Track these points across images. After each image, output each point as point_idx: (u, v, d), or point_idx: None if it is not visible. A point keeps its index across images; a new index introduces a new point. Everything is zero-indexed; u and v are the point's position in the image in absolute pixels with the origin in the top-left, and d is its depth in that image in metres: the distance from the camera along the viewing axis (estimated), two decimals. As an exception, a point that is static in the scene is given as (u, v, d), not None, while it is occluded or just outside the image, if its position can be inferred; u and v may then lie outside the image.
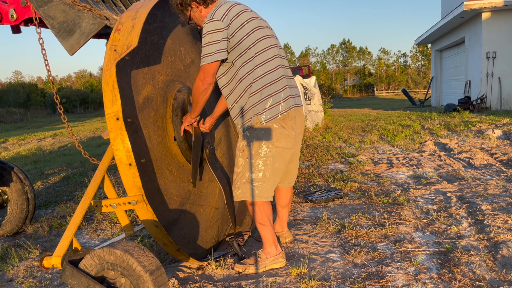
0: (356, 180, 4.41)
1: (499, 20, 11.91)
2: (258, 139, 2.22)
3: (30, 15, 2.53)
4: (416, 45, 45.50)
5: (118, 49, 1.94)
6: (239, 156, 2.30)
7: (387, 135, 7.32)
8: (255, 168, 2.25)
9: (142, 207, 1.97)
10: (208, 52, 2.14)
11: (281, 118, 2.23)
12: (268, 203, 2.36)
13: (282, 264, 2.39)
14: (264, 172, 2.26)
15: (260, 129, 2.22)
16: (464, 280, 2.13)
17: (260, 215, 2.33)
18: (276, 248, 2.40)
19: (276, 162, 2.28)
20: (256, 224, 2.39)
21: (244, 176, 2.28)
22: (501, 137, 6.34)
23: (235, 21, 2.19)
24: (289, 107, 2.26)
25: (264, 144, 2.23)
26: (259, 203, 2.32)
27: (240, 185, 2.31)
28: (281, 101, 2.23)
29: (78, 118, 25.00)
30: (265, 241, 2.40)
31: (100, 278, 1.86)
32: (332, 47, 54.98)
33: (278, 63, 2.28)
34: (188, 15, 2.38)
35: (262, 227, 2.37)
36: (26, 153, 8.85)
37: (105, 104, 1.90)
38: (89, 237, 3.37)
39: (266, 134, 2.23)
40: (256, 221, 2.38)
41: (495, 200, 3.40)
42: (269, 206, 2.38)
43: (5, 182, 3.50)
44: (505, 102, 12.04)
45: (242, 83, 2.23)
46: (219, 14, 2.18)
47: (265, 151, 2.23)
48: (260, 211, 2.33)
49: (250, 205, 2.34)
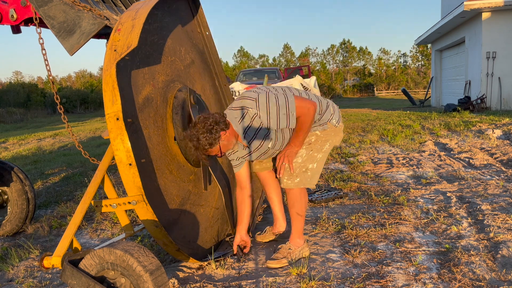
0: (356, 180, 4.41)
1: (499, 20, 11.91)
2: (326, 138, 2.57)
3: (30, 15, 2.53)
4: (416, 45, 45.53)
5: (118, 49, 1.94)
6: (302, 149, 2.53)
7: (387, 135, 7.32)
8: (315, 160, 2.54)
9: (142, 207, 1.97)
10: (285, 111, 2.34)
11: (341, 122, 2.66)
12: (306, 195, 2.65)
13: (308, 253, 2.61)
14: (319, 163, 2.57)
15: (332, 129, 2.58)
16: (464, 280, 2.13)
17: (303, 204, 2.57)
18: (301, 239, 2.62)
19: (325, 158, 2.64)
20: (292, 215, 2.57)
21: (304, 166, 2.53)
22: (501, 137, 6.34)
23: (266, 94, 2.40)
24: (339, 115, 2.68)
25: (328, 142, 2.58)
26: (303, 193, 2.57)
27: (299, 173, 2.53)
28: (336, 110, 2.65)
29: (78, 118, 25.00)
30: (298, 232, 2.60)
31: (100, 278, 1.86)
32: (332, 47, 54.96)
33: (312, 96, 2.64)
34: (219, 148, 2.31)
35: (299, 218, 2.58)
36: (26, 153, 8.85)
37: (105, 104, 1.90)
38: (89, 237, 3.37)
39: (335, 135, 2.60)
40: (295, 211, 2.56)
41: (495, 200, 3.40)
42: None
43: (5, 182, 3.51)
44: (505, 102, 12.04)
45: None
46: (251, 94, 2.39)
47: (327, 147, 2.58)
48: (303, 201, 2.57)
49: (297, 194, 2.55)
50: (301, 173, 2.52)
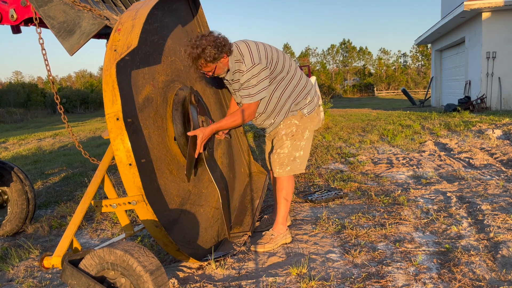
0: (356, 180, 4.41)
1: (499, 20, 11.90)
2: (304, 126, 2.77)
3: (30, 15, 2.53)
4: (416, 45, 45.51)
5: (118, 49, 1.94)
6: (285, 140, 2.75)
7: (387, 135, 7.32)
8: (300, 148, 2.77)
9: (142, 207, 1.97)
10: (258, 90, 2.54)
11: (316, 109, 2.84)
12: (294, 181, 2.87)
13: (289, 240, 2.82)
14: (305, 150, 2.80)
15: (306, 118, 2.77)
16: (464, 280, 2.13)
17: (289, 190, 2.79)
18: (284, 225, 2.81)
19: (310, 143, 2.85)
20: (280, 200, 2.78)
21: (292, 155, 2.75)
22: (501, 137, 6.34)
23: (268, 57, 2.57)
24: (317, 100, 2.89)
25: (307, 129, 2.79)
26: (291, 179, 2.80)
27: (289, 162, 2.75)
28: (314, 97, 2.84)
29: (78, 118, 24.99)
30: (281, 218, 2.80)
31: (100, 278, 1.86)
32: (332, 47, 54.97)
33: (300, 72, 2.84)
34: (214, 67, 2.50)
35: (285, 202, 2.78)
36: (26, 153, 8.85)
37: (105, 104, 1.90)
38: (89, 237, 3.37)
39: (310, 122, 2.79)
40: (283, 196, 2.77)
41: (495, 200, 3.40)
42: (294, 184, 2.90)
43: (5, 182, 3.51)
44: (505, 102, 12.04)
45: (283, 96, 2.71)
46: (257, 57, 2.52)
47: (307, 134, 2.79)
48: (290, 186, 2.79)
49: (285, 180, 2.77)
50: (290, 162, 2.75)
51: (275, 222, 2.82)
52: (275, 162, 2.77)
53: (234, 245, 2.74)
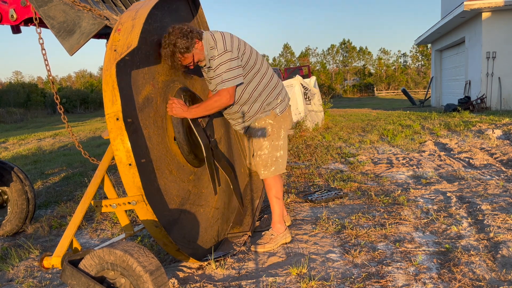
0: (356, 180, 4.41)
1: (499, 20, 11.91)
2: (279, 125, 2.79)
3: (30, 15, 2.53)
4: (416, 45, 45.51)
5: (118, 49, 1.94)
6: (263, 141, 2.76)
7: (387, 135, 7.32)
8: (279, 147, 2.79)
9: (142, 207, 1.97)
10: (231, 77, 2.51)
11: (288, 109, 2.87)
12: (281, 179, 2.89)
13: (289, 239, 2.83)
14: (284, 150, 2.83)
15: (279, 118, 2.80)
16: (464, 280, 2.13)
17: (278, 188, 2.82)
18: (282, 224, 2.82)
19: (286, 143, 2.89)
20: (272, 199, 2.81)
21: (273, 155, 2.78)
22: (501, 137, 6.34)
23: (240, 49, 2.58)
24: (288, 100, 2.91)
25: (282, 129, 2.81)
26: (278, 178, 2.82)
27: (272, 163, 2.77)
28: (285, 97, 2.87)
29: (78, 118, 24.99)
30: (277, 217, 2.81)
31: (100, 278, 1.86)
32: (332, 47, 54.96)
33: (272, 71, 2.84)
34: (192, 56, 2.47)
35: (277, 201, 2.81)
36: (26, 153, 8.85)
37: (105, 104, 1.90)
38: (89, 237, 3.37)
39: (284, 121, 2.82)
40: (273, 195, 2.80)
41: (495, 200, 3.40)
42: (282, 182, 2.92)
43: (5, 182, 3.51)
44: (505, 102, 12.04)
45: (255, 92, 2.71)
46: (229, 45, 2.52)
47: (283, 133, 2.81)
48: (278, 185, 2.82)
49: (272, 180, 2.80)
50: (274, 162, 2.78)
51: (272, 222, 2.84)
52: (258, 165, 2.78)
53: (234, 245, 2.75)
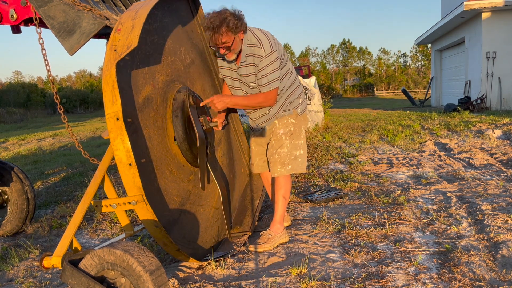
0: (356, 180, 4.41)
1: (499, 20, 11.91)
2: (300, 125, 2.85)
3: (30, 15, 2.53)
4: (416, 45, 45.51)
5: (118, 49, 1.94)
6: (285, 139, 2.79)
7: (387, 135, 7.32)
8: (299, 147, 2.83)
9: (142, 207, 1.97)
10: (276, 77, 2.60)
11: (306, 109, 2.93)
12: (291, 181, 2.94)
13: (287, 239, 2.83)
14: (304, 149, 2.86)
15: (301, 117, 2.86)
16: (464, 280, 2.13)
17: (287, 189, 2.83)
18: (282, 225, 2.83)
19: (305, 142, 2.91)
20: (278, 198, 2.80)
21: (292, 154, 2.80)
22: (501, 137, 6.34)
23: (279, 49, 2.66)
24: (306, 102, 2.99)
25: (303, 128, 2.88)
26: (290, 179, 2.84)
27: (290, 161, 2.79)
28: (305, 98, 2.94)
29: (78, 118, 24.99)
30: (279, 217, 2.82)
31: (100, 278, 1.86)
32: (332, 47, 54.96)
33: (294, 70, 2.91)
34: (233, 39, 2.52)
35: (284, 201, 2.82)
36: (26, 153, 8.85)
37: (105, 104, 1.90)
38: (89, 237, 3.37)
39: (304, 121, 2.89)
40: (281, 195, 2.80)
41: (495, 200, 3.40)
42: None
43: (5, 182, 3.50)
44: (505, 102, 12.04)
45: (284, 91, 2.78)
46: (274, 44, 2.60)
47: (303, 133, 2.88)
48: (288, 185, 2.83)
49: (284, 179, 2.80)
50: (292, 161, 2.80)
51: (272, 221, 2.83)
52: (276, 162, 2.79)
53: (234, 245, 2.75)
